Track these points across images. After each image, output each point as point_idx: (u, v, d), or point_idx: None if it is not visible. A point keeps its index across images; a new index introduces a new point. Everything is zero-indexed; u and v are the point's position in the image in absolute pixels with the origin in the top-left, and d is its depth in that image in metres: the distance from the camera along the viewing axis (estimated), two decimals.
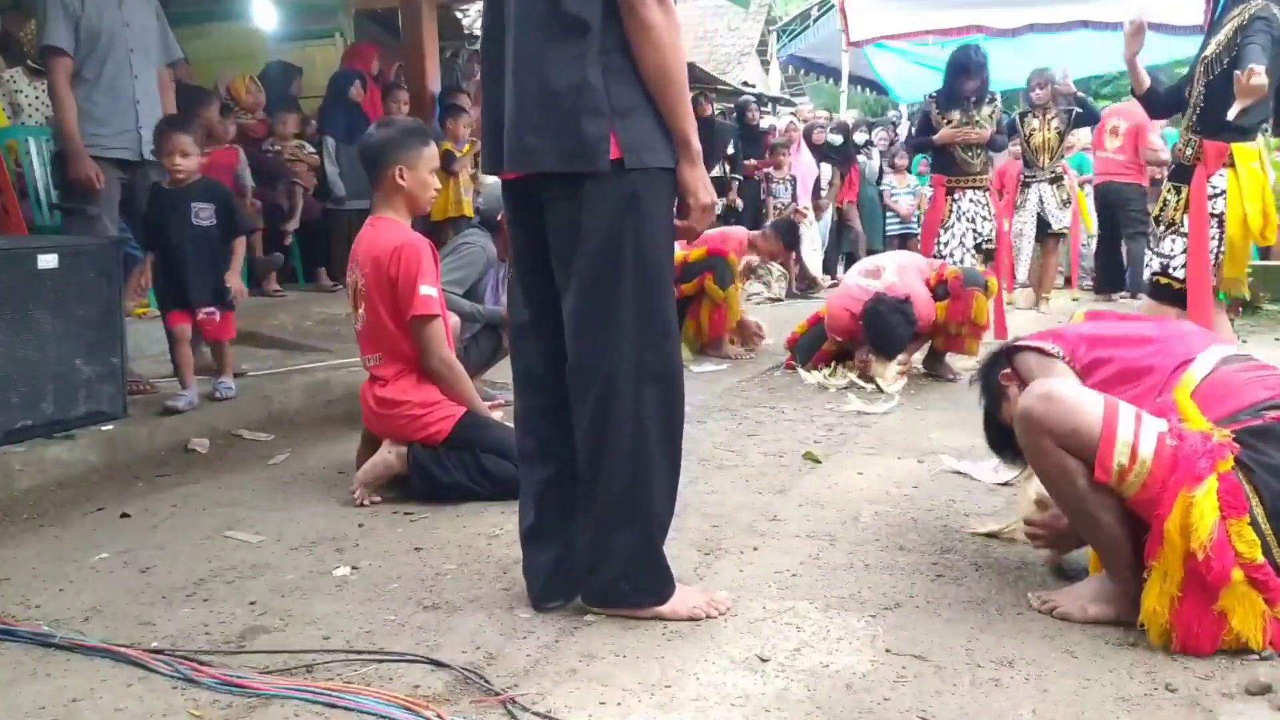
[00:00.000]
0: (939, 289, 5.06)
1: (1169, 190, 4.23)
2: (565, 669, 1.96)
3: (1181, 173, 4.16)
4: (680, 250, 5.77)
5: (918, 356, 5.23)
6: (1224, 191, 3.97)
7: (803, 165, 10.01)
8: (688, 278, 5.61)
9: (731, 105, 12.24)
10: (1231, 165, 3.94)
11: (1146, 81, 4.32)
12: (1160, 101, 4.43)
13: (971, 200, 6.15)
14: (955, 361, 5.26)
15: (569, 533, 2.20)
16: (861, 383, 4.94)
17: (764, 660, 2.01)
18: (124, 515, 3.01)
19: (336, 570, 2.52)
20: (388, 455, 3.09)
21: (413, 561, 2.58)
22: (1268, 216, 3.95)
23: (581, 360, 2.10)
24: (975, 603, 2.30)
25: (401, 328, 3.05)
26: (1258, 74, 3.62)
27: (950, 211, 6.14)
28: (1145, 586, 2.02)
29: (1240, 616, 1.96)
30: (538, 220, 2.12)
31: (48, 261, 3.54)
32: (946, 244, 6.10)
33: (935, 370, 5.20)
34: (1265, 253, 7.50)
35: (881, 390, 4.81)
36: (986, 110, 6.15)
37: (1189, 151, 4.09)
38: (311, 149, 6.96)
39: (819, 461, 3.56)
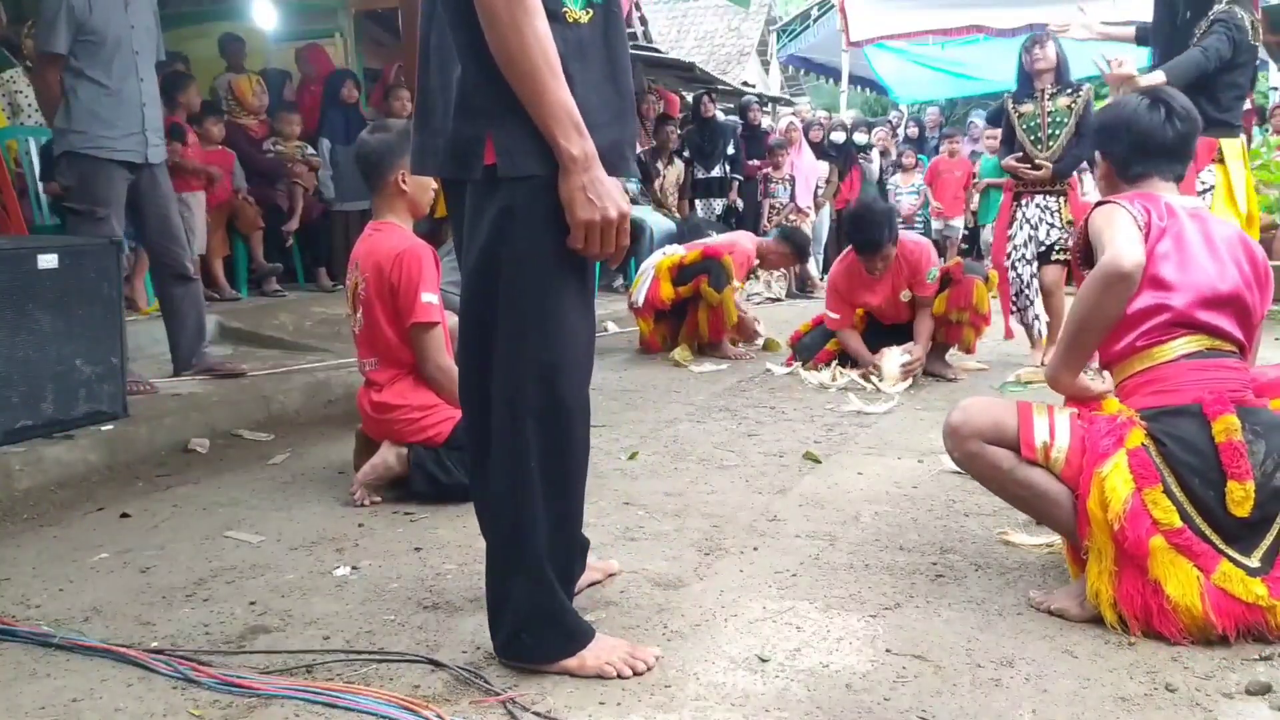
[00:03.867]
0: (941, 279, 5.06)
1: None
2: (566, 672, 1.95)
3: None
4: (677, 253, 5.79)
5: (918, 354, 5.22)
6: (1212, 187, 3.98)
7: (805, 165, 10.01)
8: (683, 280, 5.63)
9: (732, 105, 12.23)
10: (1220, 160, 3.96)
11: (1131, 30, 4.39)
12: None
13: (1039, 206, 5.15)
14: (960, 361, 5.27)
15: None
16: (862, 382, 4.94)
17: (764, 660, 2.00)
18: (124, 515, 3.01)
19: (336, 570, 2.52)
20: (388, 456, 3.09)
21: (413, 562, 2.58)
22: (1250, 213, 3.98)
23: (466, 384, 1.96)
24: (975, 602, 2.30)
25: (400, 333, 3.04)
26: (1126, 64, 3.82)
27: (1014, 218, 5.24)
28: (1085, 568, 2.07)
29: (1174, 583, 2.00)
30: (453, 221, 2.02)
31: (48, 261, 3.54)
32: (1009, 255, 5.26)
33: (936, 370, 5.19)
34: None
35: (881, 390, 4.81)
36: (1064, 101, 5.03)
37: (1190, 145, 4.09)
38: (313, 150, 6.97)
39: (819, 461, 3.56)
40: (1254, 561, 2.03)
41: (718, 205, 10.04)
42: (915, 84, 12.74)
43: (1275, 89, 11.75)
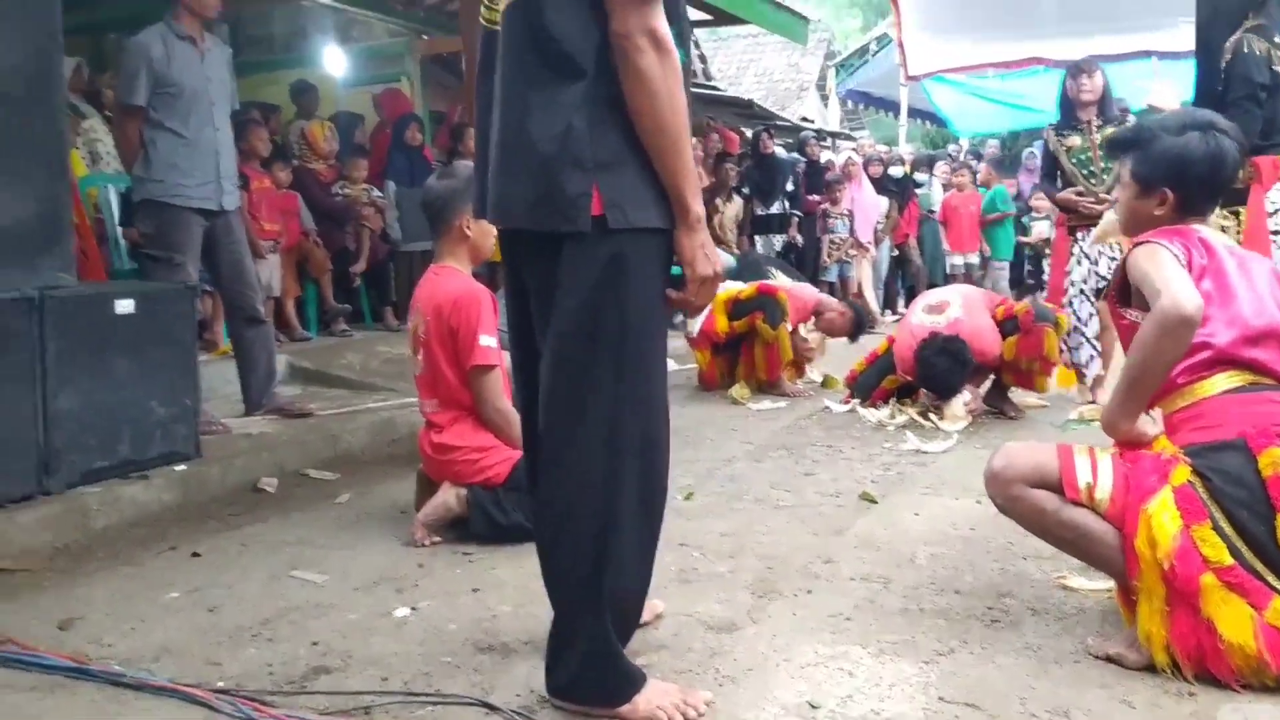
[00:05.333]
0: (1007, 324, 5.00)
1: (1223, 218, 4.16)
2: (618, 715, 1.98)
3: (1234, 197, 4.10)
4: (731, 289, 5.82)
5: (982, 389, 5.17)
6: None
7: (864, 200, 10.02)
8: (738, 315, 5.66)
9: (791, 140, 12.29)
10: None
11: None
12: None
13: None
14: (1020, 398, 5.21)
15: None
16: (921, 421, 4.92)
17: (814, 707, 2.01)
18: (195, 554, 3.10)
19: (396, 611, 2.57)
20: (447, 497, 3.15)
21: (470, 602, 2.63)
22: None
23: (551, 430, 1.95)
24: (1031, 649, 2.28)
25: (460, 376, 3.11)
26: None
27: (1073, 253, 5.09)
28: (1136, 609, 2.04)
29: (1227, 623, 1.98)
30: (523, 271, 2.02)
31: (124, 307, 3.69)
32: (1067, 290, 5.13)
33: (999, 406, 5.14)
34: None
35: (940, 428, 4.77)
36: (1111, 131, 4.77)
37: (1240, 173, 4.05)
38: (379, 193, 7.15)
39: (875, 501, 3.55)
40: None
41: (777, 241, 10.09)
42: (975, 116, 12.67)
43: None
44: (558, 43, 1.82)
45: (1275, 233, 3.96)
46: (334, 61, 8.92)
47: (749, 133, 11.70)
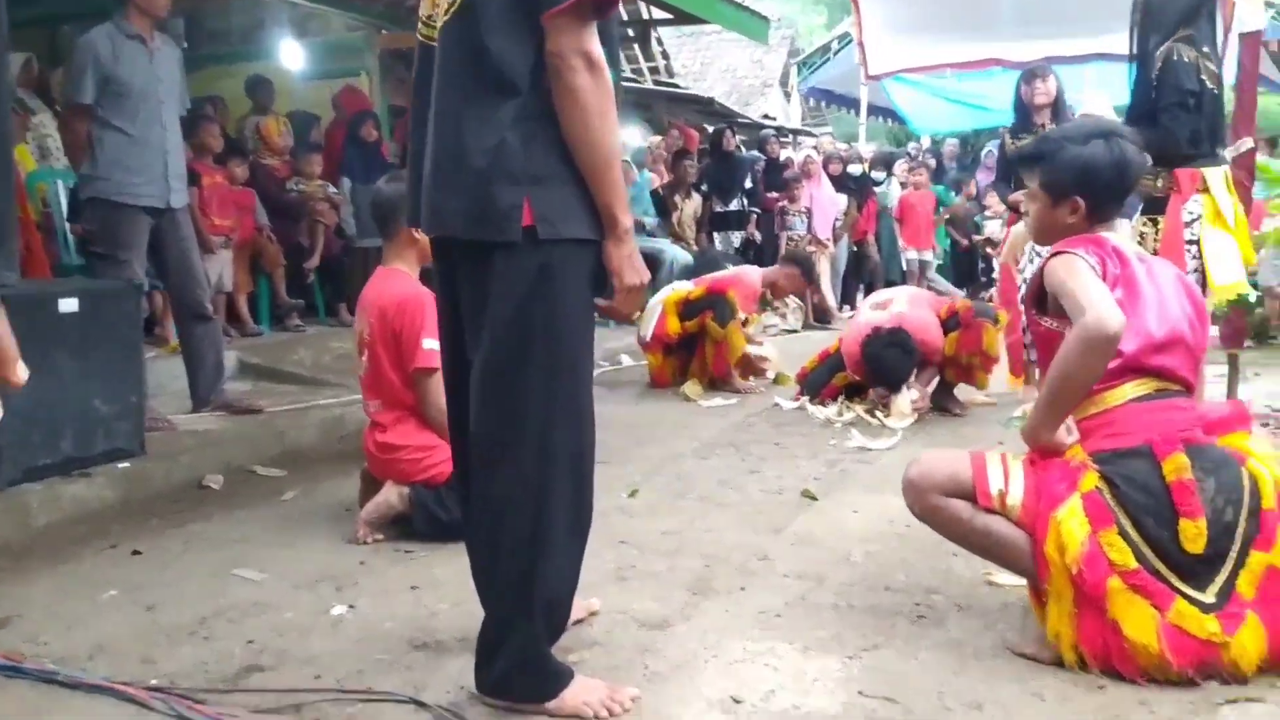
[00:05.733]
0: (949, 321, 5.11)
1: (1144, 224, 4.28)
2: (545, 714, 2.01)
3: (1154, 205, 4.23)
4: (684, 289, 5.88)
5: (929, 387, 5.26)
6: (1200, 216, 4.02)
7: (823, 197, 10.10)
8: (689, 315, 5.73)
9: (750, 138, 12.35)
10: (1205, 189, 4.02)
11: None
12: None
13: None
14: (965, 395, 5.30)
15: None
16: (868, 418, 4.99)
17: (738, 702, 2.06)
18: (135, 552, 3.11)
19: (334, 609, 2.60)
20: (390, 495, 3.18)
21: (408, 600, 2.66)
22: (1242, 237, 4.04)
23: (483, 433, 2.00)
24: (953, 644, 2.34)
25: (403, 377, 3.14)
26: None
27: (1024, 251, 5.11)
28: (1045, 611, 2.12)
29: (1132, 624, 2.06)
30: (455, 280, 2.06)
31: (68, 305, 3.68)
32: (1020, 289, 5.12)
33: (945, 404, 5.23)
34: None
35: (885, 426, 4.85)
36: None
37: (1159, 184, 4.17)
38: (335, 189, 7.13)
39: (816, 499, 3.61)
40: (1209, 597, 2.07)
41: (736, 238, 10.15)
42: (934, 116, 12.78)
43: None
44: (494, 61, 1.88)
45: (1190, 241, 4.07)
46: (291, 55, 8.86)
47: (709, 129, 11.76)
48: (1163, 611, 2.05)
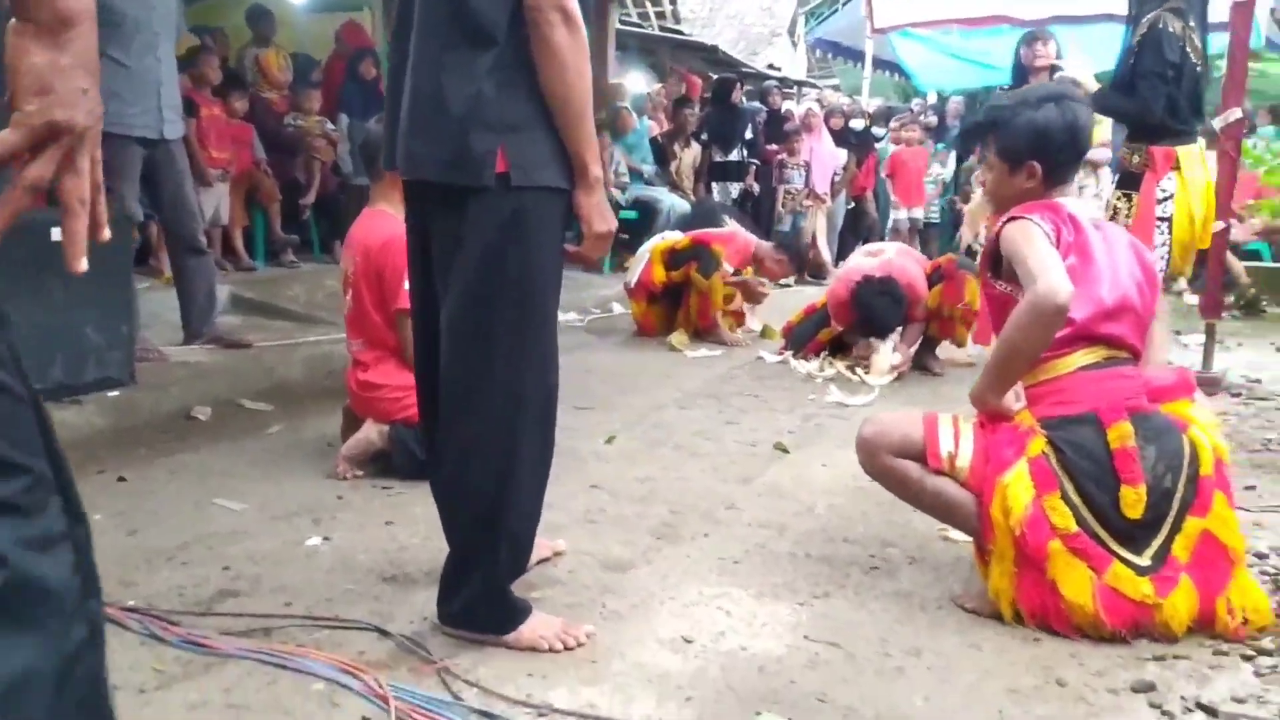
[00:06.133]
0: (933, 275, 5.17)
1: (1119, 199, 4.36)
2: (503, 646, 2.11)
3: (1129, 180, 4.30)
4: (667, 239, 5.93)
5: (913, 348, 5.33)
6: (1173, 194, 4.08)
7: (823, 151, 10.08)
8: (674, 266, 5.79)
9: (752, 89, 12.29)
10: (1178, 168, 4.06)
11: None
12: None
13: None
14: (945, 355, 5.37)
15: None
16: (848, 374, 5.07)
17: (688, 642, 2.16)
18: (121, 479, 3.20)
19: (309, 540, 2.69)
20: (370, 433, 3.26)
21: (382, 534, 2.75)
22: (1206, 215, 4.11)
23: (453, 376, 2.06)
24: (902, 595, 2.43)
25: (385, 317, 3.21)
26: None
27: (983, 229, 5.39)
28: (988, 569, 2.21)
29: (1069, 584, 2.15)
30: (427, 226, 2.12)
31: (60, 234, 3.72)
32: None
33: (924, 364, 5.30)
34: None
35: (865, 383, 4.93)
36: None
37: (1135, 159, 4.24)
38: (332, 126, 7.14)
39: (787, 452, 3.70)
40: (1145, 560, 2.16)
41: (734, 189, 10.14)
42: (940, 71, 12.67)
43: None
44: (473, 12, 1.93)
45: (1161, 219, 4.12)
46: None
47: (714, 78, 11.70)
48: (1099, 573, 2.14)
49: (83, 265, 0.98)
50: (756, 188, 9.98)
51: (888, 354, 5.08)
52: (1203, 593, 2.16)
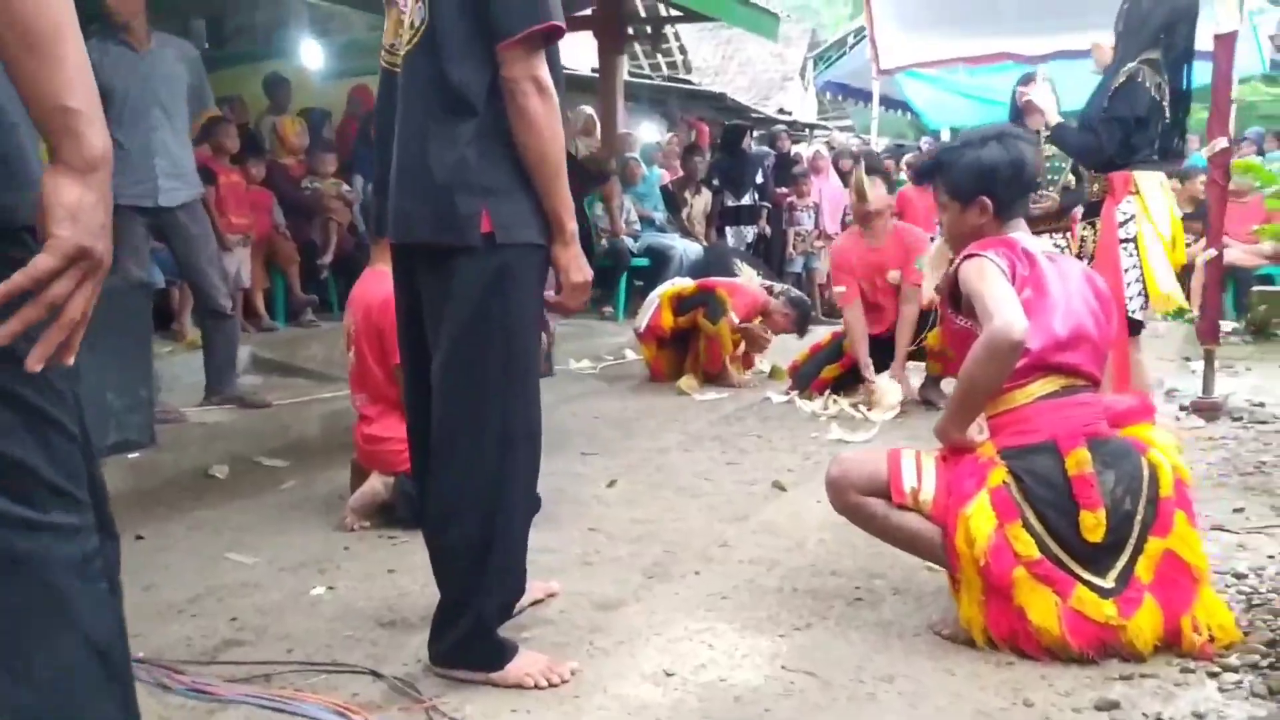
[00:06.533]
0: (930, 314, 5.25)
1: (1084, 229, 4.49)
2: (489, 683, 2.20)
3: (1093, 210, 4.44)
4: (676, 286, 6.06)
5: (915, 384, 5.42)
6: (1134, 216, 4.15)
7: (831, 191, 10.22)
8: (682, 311, 5.90)
9: (764, 133, 12.47)
10: (1136, 191, 4.15)
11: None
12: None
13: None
14: (950, 389, 5.43)
15: None
16: (852, 411, 5.15)
17: (670, 675, 2.24)
18: (139, 537, 3.32)
19: (314, 590, 2.80)
20: (376, 484, 3.38)
21: (384, 582, 2.86)
22: (1174, 236, 4.18)
23: (446, 423, 2.18)
24: (882, 625, 2.51)
25: (386, 372, 3.34)
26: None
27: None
28: (957, 598, 2.27)
29: (1035, 610, 2.21)
30: (416, 285, 2.26)
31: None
32: None
33: (930, 398, 5.37)
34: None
35: (868, 419, 5.00)
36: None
37: (1095, 187, 4.37)
38: (348, 187, 7.36)
39: (785, 489, 3.78)
40: (1109, 582, 2.23)
41: (748, 232, 10.27)
42: (948, 110, 12.83)
43: None
44: (455, 86, 2.10)
45: (1124, 240, 4.20)
46: (311, 54, 9.10)
47: (725, 124, 11.89)
48: (1064, 598, 2.21)
49: (39, 365, 1.13)
50: (769, 230, 10.10)
51: (891, 390, 5.16)
52: (1167, 611, 2.22)
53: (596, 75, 10.14)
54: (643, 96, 12.26)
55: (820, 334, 6.27)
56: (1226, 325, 7.26)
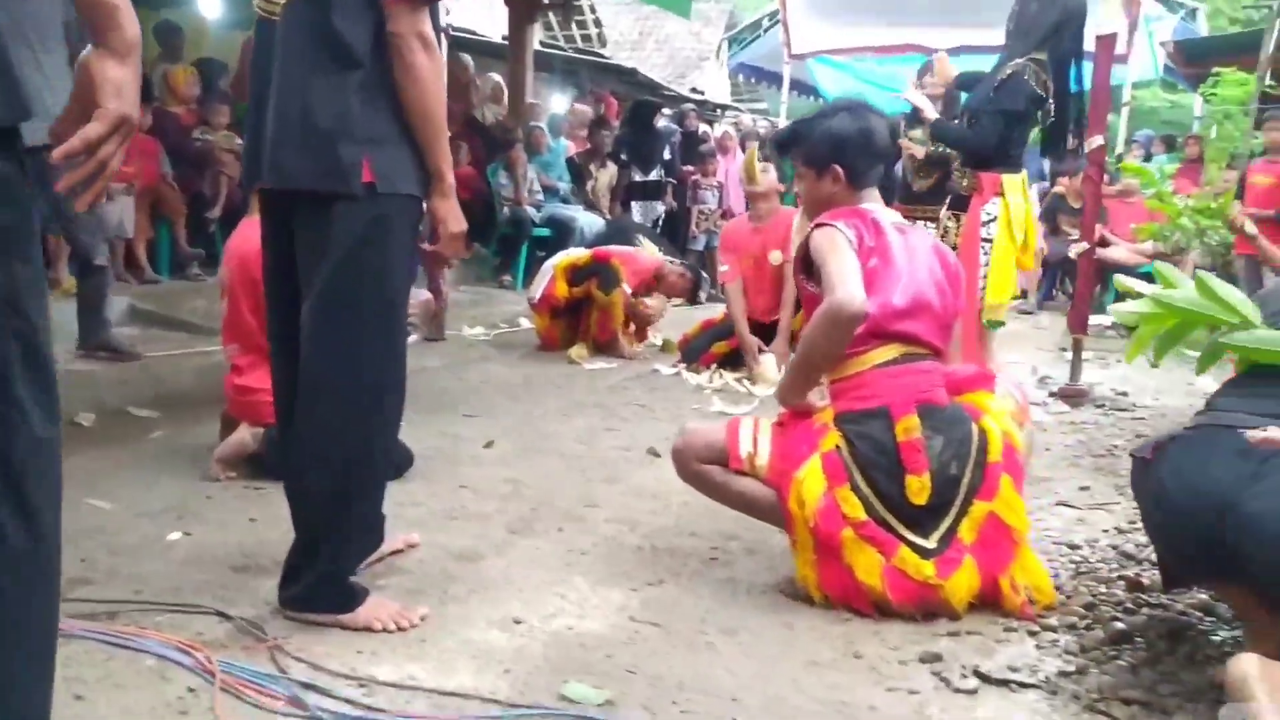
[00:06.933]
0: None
1: (949, 219, 4.67)
2: (338, 626, 2.22)
3: (959, 202, 4.61)
4: (570, 256, 6.09)
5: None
6: (996, 217, 4.34)
7: (737, 172, 10.32)
8: (576, 282, 5.93)
9: (675, 112, 12.52)
10: (1002, 194, 4.34)
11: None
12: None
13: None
14: None
15: None
16: (736, 385, 5.25)
17: (518, 623, 2.28)
18: None
19: (170, 536, 2.77)
20: (244, 435, 3.35)
21: (243, 530, 2.84)
22: (1028, 241, 4.38)
23: (316, 367, 2.20)
24: (732, 582, 2.58)
25: (260, 324, 3.28)
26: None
27: None
28: (794, 558, 2.37)
29: (861, 568, 2.32)
30: (288, 233, 2.27)
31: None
32: None
33: None
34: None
35: (751, 393, 5.11)
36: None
37: (964, 183, 4.55)
38: (240, 141, 7.18)
39: (659, 456, 3.84)
40: (931, 543, 2.34)
41: (655, 208, 10.33)
42: (855, 97, 13.08)
43: (1198, 119, 12.16)
44: (339, 38, 2.13)
45: (986, 240, 4.39)
46: (208, 3, 8.84)
47: (636, 99, 11.91)
48: (888, 557, 2.32)
49: (85, 207, 1.45)
50: (675, 206, 10.18)
51: (772, 366, 5.27)
52: (985, 572, 2.34)
53: (507, 43, 10.08)
54: (554, 67, 12.20)
55: (715, 311, 6.36)
56: (1106, 319, 7.55)
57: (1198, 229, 6.96)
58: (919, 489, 2.32)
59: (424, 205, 2.30)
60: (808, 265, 2.54)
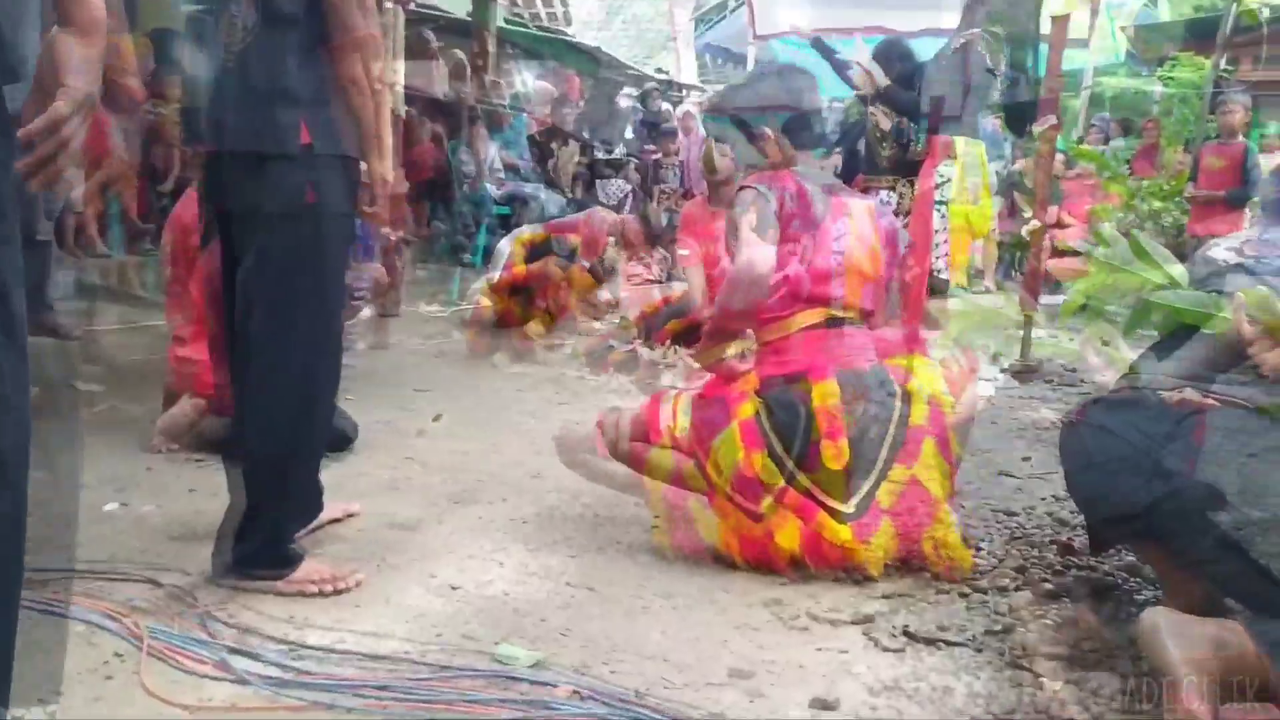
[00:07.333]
0: None
1: (904, 185, 4.69)
2: (273, 591, 2.21)
3: (912, 168, 4.65)
4: (526, 233, 6.08)
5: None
6: (949, 180, 4.39)
7: (698, 152, 10.31)
8: (534, 257, 5.90)
9: (639, 90, 12.50)
10: (954, 157, 4.38)
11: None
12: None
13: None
14: None
15: None
16: (691, 362, 5.25)
17: (454, 589, 2.28)
18: None
19: (107, 506, 2.75)
20: (186, 407, 3.32)
21: (182, 501, 2.82)
22: (983, 207, 4.44)
23: (252, 333, 2.19)
24: (676, 550, 2.59)
25: (202, 293, 3.26)
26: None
27: None
28: (716, 523, 2.39)
29: (781, 534, 2.34)
30: (226, 192, 2.26)
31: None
32: None
33: None
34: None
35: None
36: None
37: (917, 148, 4.59)
38: None
39: None
40: (849, 508, 2.36)
41: (616, 186, 10.31)
42: (820, 79, 13.08)
43: (1156, 103, 12.27)
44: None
45: (940, 202, 4.43)
46: None
47: (599, 78, 11.87)
48: (807, 522, 2.34)
49: (40, 188, 1.44)
50: (637, 178, 10.17)
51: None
52: (903, 535, 2.36)
53: (470, 20, 10.01)
54: (518, 45, 12.12)
55: (673, 289, 6.37)
56: (1058, 298, 7.64)
57: (1150, 211, 7.05)
58: (835, 454, 2.34)
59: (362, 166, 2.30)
60: (734, 229, 2.55)
